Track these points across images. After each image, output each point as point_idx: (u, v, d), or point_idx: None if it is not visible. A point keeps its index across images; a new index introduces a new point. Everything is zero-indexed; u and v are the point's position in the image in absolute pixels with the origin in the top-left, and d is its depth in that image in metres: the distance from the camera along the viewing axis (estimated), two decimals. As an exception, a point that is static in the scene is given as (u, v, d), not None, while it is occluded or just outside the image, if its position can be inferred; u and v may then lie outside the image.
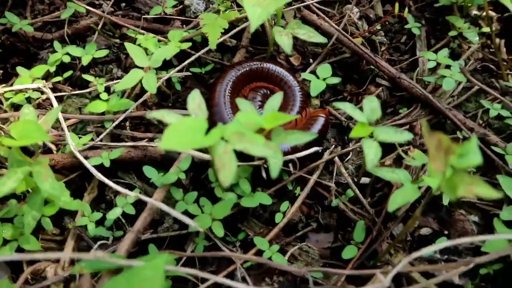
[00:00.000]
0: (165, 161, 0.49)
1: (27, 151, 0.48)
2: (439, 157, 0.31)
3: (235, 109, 0.50)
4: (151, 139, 0.50)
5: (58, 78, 0.54)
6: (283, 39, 0.51)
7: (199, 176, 0.50)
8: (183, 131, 0.33)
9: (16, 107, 0.52)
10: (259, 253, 0.46)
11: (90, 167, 0.42)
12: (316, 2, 0.61)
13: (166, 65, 0.55)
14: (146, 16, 0.60)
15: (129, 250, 0.42)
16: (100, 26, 0.59)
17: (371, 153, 0.40)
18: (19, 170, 0.38)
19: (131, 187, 0.49)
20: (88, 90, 0.55)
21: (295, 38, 0.56)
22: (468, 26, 0.61)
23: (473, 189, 0.31)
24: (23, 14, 0.61)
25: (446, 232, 0.49)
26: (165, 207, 0.39)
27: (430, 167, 0.39)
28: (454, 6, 0.63)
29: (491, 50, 0.62)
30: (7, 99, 0.51)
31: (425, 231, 0.50)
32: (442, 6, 0.65)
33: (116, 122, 0.50)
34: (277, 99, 0.43)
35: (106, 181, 0.42)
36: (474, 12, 0.65)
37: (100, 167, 0.47)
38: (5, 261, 0.44)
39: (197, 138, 0.33)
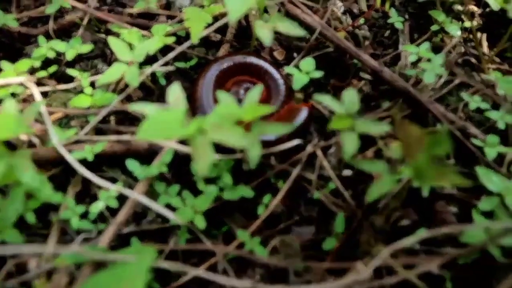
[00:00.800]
0: (148, 155, 0.49)
1: (12, 146, 0.48)
2: (410, 146, 0.32)
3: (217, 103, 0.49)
4: (134, 133, 0.50)
5: (43, 73, 0.54)
6: (264, 32, 0.51)
7: (182, 170, 0.50)
8: (160, 122, 0.34)
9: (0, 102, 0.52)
10: (241, 245, 0.47)
11: (72, 161, 0.43)
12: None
13: (151, 60, 0.55)
14: (130, 10, 0.60)
15: (110, 243, 0.43)
16: (85, 21, 0.59)
17: (349, 144, 0.41)
18: (3, 162, 0.39)
19: (115, 181, 0.49)
20: (73, 85, 0.55)
21: (278, 33, 0.57)
22: (451, 20, 0.62)
23: (443, 178, 0.32)
24: (8, 9, 0.61)
25: (426, 224, 0.50)
26: (144, 200, 0.39)
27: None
28: (436, 1, 0.64)
29: (472, 44, 0.62)
30: (-9, 93, 0.51)
31: (405, 222, 0.51)
32: (425, 1, 0.66)
33: (100, 116, 0.50)
34: (257, 91, 0.43)
35: (86, 174, 0.43)
36: (457, 7, 0.66)
37: (84, 162, 0.48)
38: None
39: (174, 128, 0.33)
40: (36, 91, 0.47)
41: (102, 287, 0.33)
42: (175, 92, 0.39)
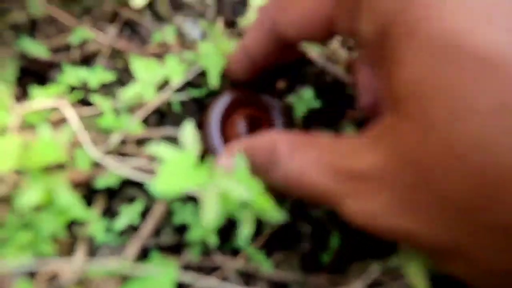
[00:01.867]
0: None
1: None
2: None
3: (225, 133, 0.53)
4: (153, 159, 0.56)
5: (69, 98, 0.60)
6: None
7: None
8: (175, 172, 0.38)
9: (31, 125, 0.58)
10: (248, 258, 0.52)
11: (99, 182, 0.48)
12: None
13: (167, 87, 0.61)
14: (147, 42, 0.66)
15: (134, 256, 0.48)
16: (105, 51, 0.65)
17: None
18: (40, 185, 0.44)
19: (135, 200, 0.55)
20: (95, 109, 0.60)
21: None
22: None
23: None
24: (34, 37, 0.67)
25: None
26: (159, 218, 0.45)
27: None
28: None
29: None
30: (23, 117, 0.56)
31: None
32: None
33: (120, 139, 0.56)
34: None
35: (114, 195, 0.48)
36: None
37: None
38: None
39: (188, 178, 0.37)
40: (67, 116, 0.53)
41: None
42: (188, 134, 0.42)
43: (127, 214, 0.50)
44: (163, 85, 0.59)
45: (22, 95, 0.61)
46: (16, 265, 0.43)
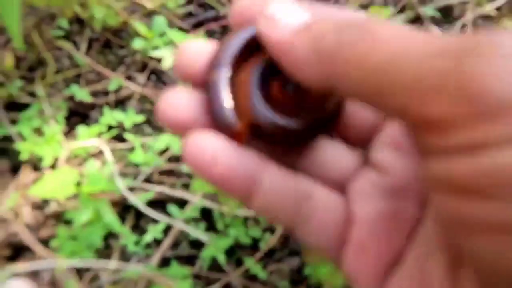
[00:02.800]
0: (183, 201, 0.68)
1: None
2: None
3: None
4: (174, 185, 0.70)
5: (107, 136, 0.74)
6: None
7: (208, 213, 0.69)
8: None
9: (76, 157, 0.72)
10: (247, 270, 0.65)
11: (135, 204, 0.62)
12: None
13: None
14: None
15: (157, 263, 0.61)
16: (136, 96, 0.79)
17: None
18: (90, 206, 0.58)
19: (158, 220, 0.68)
20: (127, 145, 0.74)
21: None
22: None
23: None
24: (79, 83, 0.81)
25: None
26: (185, 228, 0.59)
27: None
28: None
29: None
30: (70, 151, 0.70)
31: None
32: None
33: (149, 172, 0.69)
34: None
35: (146, 212, 0.62)
36: None
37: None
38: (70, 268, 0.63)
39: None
40: (108, 152, 0.67)
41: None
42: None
43: (153, 231, 0.64)
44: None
45: (69, 131, 0.76)
46: (69, 265, 0.56)
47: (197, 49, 0.34)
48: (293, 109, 0.37)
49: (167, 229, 0.66)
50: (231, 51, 0.34)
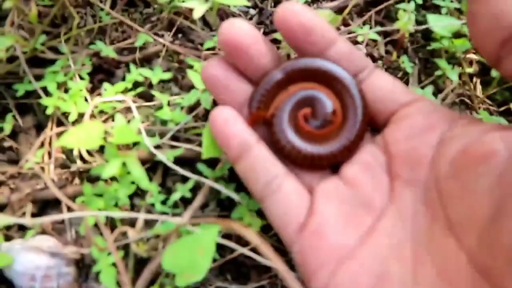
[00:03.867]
0: (213, 160, 0.66)
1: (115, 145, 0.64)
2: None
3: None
4: (201, 144, 0.67)
5: (133, 92, 0.71)
6: None
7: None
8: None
9: (101, 113, 0.69)
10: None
11: (164, 159, 0.59)
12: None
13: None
14: (199, 47, 0.77)
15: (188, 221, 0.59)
16: (163, 53, 0.76)
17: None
18: (117, 160, 0.55)
19: (186, 178, 0.66)
20: (154, 102, 0.71)
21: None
22: (452, 67, 0.77)
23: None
24: (103, 40, 0.79)
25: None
26: (218, 186, 0.56)
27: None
28: (441, 49, 0.79)
29: (469, 87, 0.78)
30: (96, 107, 0.68)
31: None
32: (433, 49, 0.81)
33: (177, 128, 0.67)
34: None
35: (176, 168, 0.59)
36: (459, 54, 0.81)
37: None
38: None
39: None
40: (133, 107, 0.64)
41: (185, 247, 0.49)
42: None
43: (181, 189, 0.61)
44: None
45: (94, 89, 0.73)
46: (100, 216, 0.54)
47: (240, 25, 0.48)
48: (315, 139, 0.48)
49: (194, 190, 0.63)
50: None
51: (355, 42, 0.80)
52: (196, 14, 0.63)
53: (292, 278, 0.30)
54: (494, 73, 0.74)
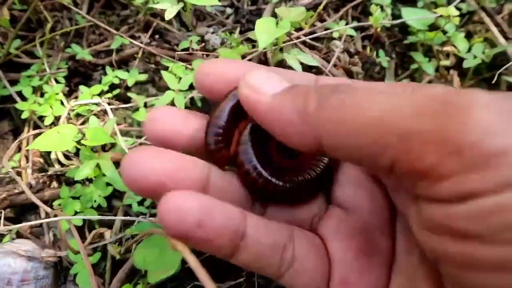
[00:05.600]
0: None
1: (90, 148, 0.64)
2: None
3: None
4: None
5: (109, 95, 0.71)
6: (293, 62, 0.67)
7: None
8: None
9: (78, 116, 0.69)
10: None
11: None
12: (309, 38, 0.78)
13: (191, 87, 0.72)
14: (175, 48, 0.77)
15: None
16: (139, 55, 0.76)
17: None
18: (91, 161, 0.55)
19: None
20: (131, 104, 0.72)
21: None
22: (428, 60, 0.77)
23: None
24: (80, 43, 0.79)
25: None
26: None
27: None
28: (417, 43, 0.80)
29: (445, 79, 0.78)
30: (73, 110, 0.68)
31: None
32: (409, 42, 0.81)
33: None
34: None
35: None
36: (435, 47, 0.82)
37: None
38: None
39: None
40: (109, 110, 0.64)
41: (155, 245, 0.49)
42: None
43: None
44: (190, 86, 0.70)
45: (71, 92, 0.73)
46: (74, 221, 0.54)
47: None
48: (287, 169, 0.39)
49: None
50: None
51: (331, 38, 0.80)
52: (168, 15, 0.63)
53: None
54: (468, 64, 0.74)
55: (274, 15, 0.80)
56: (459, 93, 0.26)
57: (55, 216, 0.51)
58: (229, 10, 0.85)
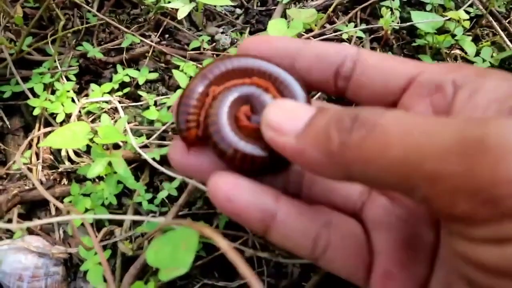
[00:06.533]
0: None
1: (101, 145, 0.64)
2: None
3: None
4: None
5: (120, 93, 0.72)
6: None
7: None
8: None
9: (88, 113, 0.70)
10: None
11: (148, 159, 0.59)
12: (318, 40, 0.78)
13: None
14: (185, 47, 0.77)
15: (173, 219, 0.59)
16: (150, 53, 0.77)
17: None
18: (103, 159, 0.56)
19: (173, 177, 0.66)
20: (141, 102, 0.72)
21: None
22: (436, 63, 0.78)
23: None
24: (91, 42, 0.79)
25: None
26: (202, 187, 0.56)
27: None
28: (426, 46, 0.80)
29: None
30: (83, 108, 0.68)
31: None
32: (418, 45, 0.82)
33: (164, 128, 0.67)
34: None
35: (160, 167, 0.59)
36: (443, 50, 0.82)
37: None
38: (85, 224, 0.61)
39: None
40: (120, 108, 0.64)
41: (168, 242, 0.49)
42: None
43: (168, 188, 0.62)
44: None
45: (82, 90, 0.74)
46: (87, 219, 0.54)
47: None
48: (258, 138, 0.37)
49: (181, 189, 0.64)
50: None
51: (340, 40, 0.81)
52: (181, 15, 0.63)
53: (257, 284, 0.29)
54: (477, 68, 0.75)
55: (284, 16, 0.80)
56: (486, 125, 0.25)
57: (68, 212, 0.51)
58: (238, 11, 0.85)
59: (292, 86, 0.39)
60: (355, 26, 0.80)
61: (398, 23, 0.81)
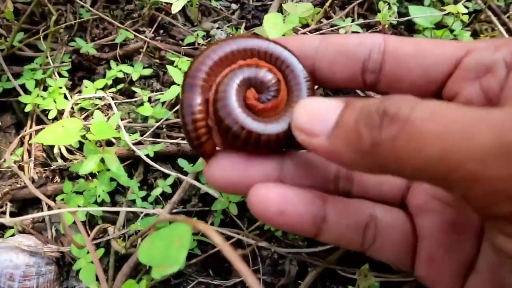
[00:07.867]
0: (194, 156, 0.65)
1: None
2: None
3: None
4: (183, 138, 0.66)
5: (113, 89, 0.70)
6: None
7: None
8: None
9: (81, 110, 0.69)
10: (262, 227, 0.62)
11: (142, 155, 0.58)
12: (315, 35, 0.77)
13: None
14: (180, 43, 0.76)
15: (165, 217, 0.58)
16: (144, 49, 0.76)
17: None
18: (95, 156, 0.55)
19: (167, 174, 0.65)
20: (135, 99, 0.71)
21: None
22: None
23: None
24: (84, 37, 0.78)
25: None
26: (197, 183, 0.55)
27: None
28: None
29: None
30: (76, 104, 0.67)
31: None
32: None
33: (158, 124, 0.66)
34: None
35: (154, 164, 0.58)
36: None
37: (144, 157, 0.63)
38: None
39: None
40: (113, 104, 0.63)
41: (160, 239, 0.48)
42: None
43: (162, 185, 0.61)
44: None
45: (75, 86, 0.73)
46: (78, 216, 0.53)
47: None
48: (267, 117, 0.39)
49: (175, 186, 0.62)
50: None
51: (337, 35, 0.79)
52: (175, 8, 0.62)
53: (254, 281, 0.29)
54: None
55: (280, 11, 0.79)
56: None
57: (59, 209, 0.50)
58: (234, 6, 0.84)
59: (294, 66, 0.40)
60: (352, 21, 0.79)
61: (395, 17, 0.80)
